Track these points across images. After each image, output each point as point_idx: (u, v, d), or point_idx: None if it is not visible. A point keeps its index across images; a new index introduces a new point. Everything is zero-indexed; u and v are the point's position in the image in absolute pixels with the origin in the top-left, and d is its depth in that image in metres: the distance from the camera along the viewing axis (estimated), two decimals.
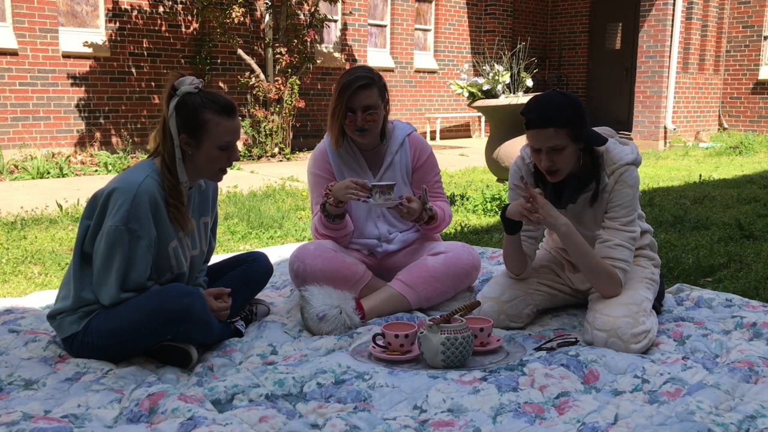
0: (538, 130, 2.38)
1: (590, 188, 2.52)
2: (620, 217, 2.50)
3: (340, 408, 1.96)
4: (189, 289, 2.26)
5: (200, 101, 2.24)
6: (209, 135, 2.24)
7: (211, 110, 2.24)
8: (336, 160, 2.91)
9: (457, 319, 2.24)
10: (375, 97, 2.74)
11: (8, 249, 4.03)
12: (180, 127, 2.24)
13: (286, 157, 9.13)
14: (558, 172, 2.44)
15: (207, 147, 2.26)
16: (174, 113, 2.23)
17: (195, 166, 2.30)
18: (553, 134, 2.36)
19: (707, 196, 5.97)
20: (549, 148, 2.38)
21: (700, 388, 2.01)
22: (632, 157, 2.52)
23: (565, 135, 2.37)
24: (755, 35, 12.32)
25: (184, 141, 2.25)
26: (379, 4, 11.68)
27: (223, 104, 2.26)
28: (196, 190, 2.43)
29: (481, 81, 6.41)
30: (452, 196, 5.83)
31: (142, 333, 2.22)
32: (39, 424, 1.79)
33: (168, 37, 9.01)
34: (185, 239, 2.37)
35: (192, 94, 2.24)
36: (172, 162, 2.27)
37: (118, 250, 2.17)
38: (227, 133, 2.27)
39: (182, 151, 2.26)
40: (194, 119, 2.23)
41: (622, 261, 2.47)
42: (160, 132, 2.29)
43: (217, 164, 2.30)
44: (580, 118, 2.40)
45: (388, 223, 2.94)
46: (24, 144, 7.93)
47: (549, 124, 2.36)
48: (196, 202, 2.44)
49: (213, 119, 2.24)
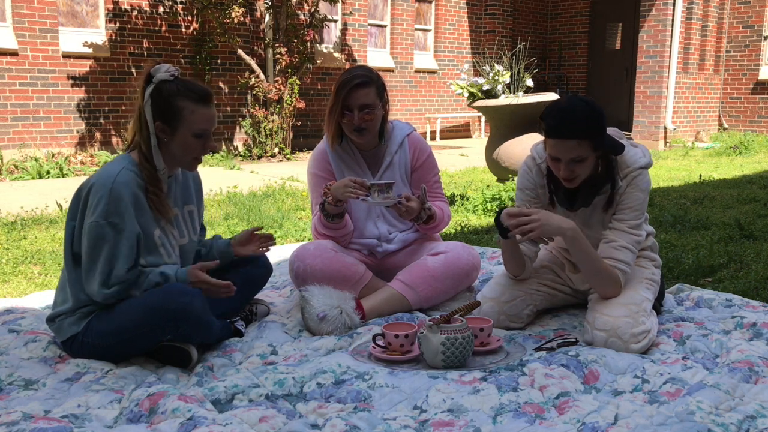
0: (561, 141, 2.32)
1: (604, 191, 2.50)
2: (628, 220, 2.49)
3: (340, 408, 1.96)
4: (189, 289, 2.26)
5: (175, 89, 2.24)
6: (184, 122, 2.25)
7: (187, 98, 2.25)
8: (336, 161, 2.90)
9: (457, 319, 2.23)
10: (372, 96, 2.73)
11: (8, 249, 4.03)
12: (155, 114, 2.25)
13: (286, 157, 9.13)
14: (576, 179, 2.42)
15: (182, 134, 2.26)
16: (149, 100, 2.24)
17: (170, 154, 2.30)
18: (576, 146, 2.31)
19: (707, 196, 5.97)
20: (570, 159, 2.34)
21: (700, 388, 2.01)
22: (645, 161, 2.50)
23: (588, 146, 2.33)
24: (755, 35, 12.31)
25: (159, 128, 2.26)
26: (379, 4, 11.68)
27: (199, 92, 2.27)
28: (174, 180, 2.42)
29: (481, 81, 6.40)
30: (452, 196, 5.83)
31: (142, 332, 2.22)
32: (39, 424, 1.79)
33: (168, 37, 9.01)
34: (169, 227, 2.36)
35: (167, 81, 2.25)
36: (149, 149, 2.27)
37: (103, 246, 2.17)
38: (202, 121, 2.27)
39: (158, 139, 2.27)
40: (169, 106, 2.24)
41: (624, 263, 2.46)
42: (137, 120, 2.29)
43: (191, 152, 2.30)
44: (602, 129, 2.35)
45: (388, 223, 2.94)
46: (24, 144, 7.93)
47: (572, 135, 2.30)
48: (178, 191, 2.44)
49: (188, 107, 2.24)
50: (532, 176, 2.62)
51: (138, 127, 2.28)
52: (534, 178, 2.62)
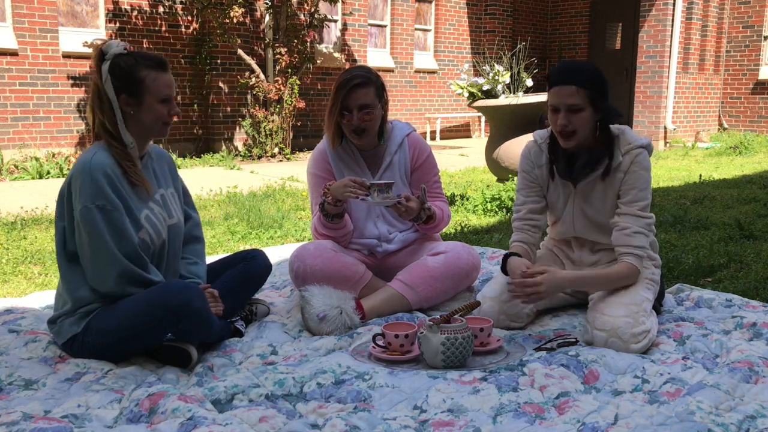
0: (560, 87, 2.44)
1: (603, 164, 2.55)
2: (637, 201, 2.52)
3: (340, 408, 1.96)
4: (190, 285, 2.26)
5: (134, 60, 2.27)
6: (148, 90, 2.27)
7: (147, 67, 2.27)
8: (335, 161, 2.91)
9: (457, 319, 2.23)
10: (371, 96, 2.74)
11: (8, 249, 4.03)
12: (118, 88, 2.26)
13: (286, 157, 9.13)
14: (572, 135, 2.47)
15: (149, 102, 2.28)
16: (109, 77, 2.25)
17: (140, 125, 2.31)
18: (573, 92, 2.42)
19: (707, 196, 5.97)
20: (567, 106, 2.43)
21: (700, 388, 2.01)
22: (646, 142, 2.58)
23: (585, 97, 2.42)
24: (755, 35, 12.32)
25: (125, 102, 2.27)
26: (379, 4, 11.69)
27: (156, 60, 2.31)
28: (149, 162, 2.43)
29: (481, 81, 6.40)
30: (452, 196, 5.83)
31: (142, 329, 2.21)
32: (39, 424, 1.79)
33: (168, 38, 9.01)
34: (157, 209, 2.37)
35: (123, 55, 2.27)
36: (114, 126, 2.28)
37: (100, 228, 2.17)
38: (165, 86, 2.31)
39: (123, 113, 2.28)
40: (131, 78, 2.26)
41: (640, 248, 2.50)
42: (95, 101, 2.29)
43: (160, 118, 2.32)
44: (601, 86, 2.46)
45: (388, 223, 2.94)
46: (24, 144, 7.93)
47: (571, 81, 2.42)
48: (155, 174, 2.44)
49: (150, 75, 2.27)
50: (531, 158, 2.70)
51: (99, 108, 2.29)
52: (533, 159, 2.69)
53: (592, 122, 2.48)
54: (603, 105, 2.46)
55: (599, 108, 2.46)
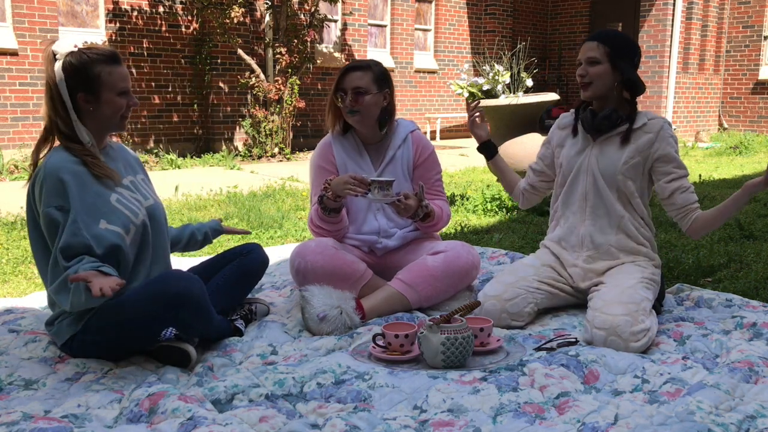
0: (586, 43, 2.69)
1: (623, 125, 2.69)
2: (678, 169, 2.67)
3: (340, 408, 1.96)
4: (187, 274, 2.26)
5: (87, 57, 2.24)
6: (105, 85, 2.26)
7: (101, 62, 2.25)
8: (340, 153, 2.94)
9: (457, 319, 2.24)
10: (366, 80, 2.81)
11: (8, 249, 4.03)
12: (73, 87, 2.24)
13: (286, 157, 9.13)
14: (589, 86, 2.65)
15: (107, 97, 2.27)
16: (63, 76, 2.23)
17: (99, 121, 2.29)
18: (594, 47, 2.64)
19: (707, 196, 5.97)
20: (587, 58, 2.64)
21: (700, 388, 2.01)
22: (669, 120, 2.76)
23: (604, 53, 2.62)
24: (755, 35, 12.32)
25: (83, 99, 2.25)
26: (379, 4, 11.69)
27: (108, 54, 2.28)
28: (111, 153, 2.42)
29: (481, 81, 6.41)
30: (452, 196, 5.83)
31: (142, 323, 2.20)
32: (39, 424, 1.79)
33: (168, 38, 9.01)
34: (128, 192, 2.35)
35: (75, 53, 2.25)
36: (69, 126, 2.26)
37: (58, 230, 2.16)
38: (121, 80, 2.29)
39: (82, 111, 2.27)
40: (87, 75, 2.23)
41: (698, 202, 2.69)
42: (49, 102, 2.27)
43: (119, 111, 2.31)
44: (624, 48, 2.64)
45: (387, 216, 2.96)
46: (24, 144, 7.92)
47: (594, 38, 2.67)
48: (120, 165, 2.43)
49: (104, 70, 2.25)
50: (559, 121, 2.92)
51: (53, 109, 2.27)
52: (560, 121, 2.91)
53: (609, 79, 2.63)
54: (624, 67, 2.62)
55: (619, 68, 2.61)
